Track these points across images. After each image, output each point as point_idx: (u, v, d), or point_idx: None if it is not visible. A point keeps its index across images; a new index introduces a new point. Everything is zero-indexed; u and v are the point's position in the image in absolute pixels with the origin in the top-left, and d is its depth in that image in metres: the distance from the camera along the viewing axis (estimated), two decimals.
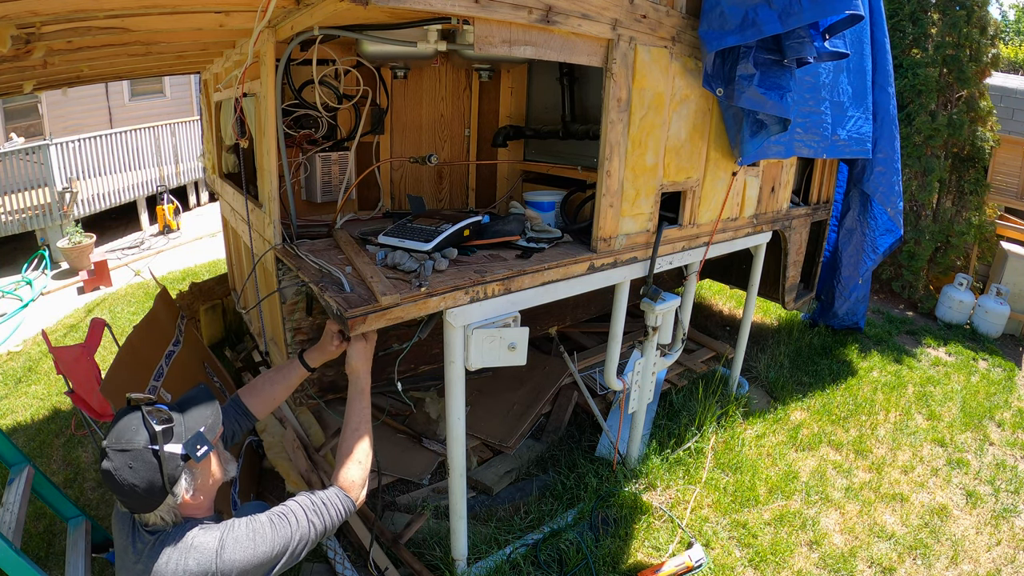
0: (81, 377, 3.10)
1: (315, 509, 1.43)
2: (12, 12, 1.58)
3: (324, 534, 1.45)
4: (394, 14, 1.95)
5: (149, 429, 1.25)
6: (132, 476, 1.21)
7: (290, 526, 1.37)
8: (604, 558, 2.55)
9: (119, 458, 1.22)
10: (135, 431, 1.25)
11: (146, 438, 1.24)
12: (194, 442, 1.29)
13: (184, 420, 1.32)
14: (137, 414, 1.28)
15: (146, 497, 1.23)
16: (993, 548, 2.83)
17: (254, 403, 1.74)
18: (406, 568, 2.45)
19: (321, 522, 1.43)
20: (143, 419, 1.26)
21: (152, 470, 1.22)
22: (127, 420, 1.27)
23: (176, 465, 1.26)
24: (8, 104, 9.28)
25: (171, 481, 1.25)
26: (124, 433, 1.25)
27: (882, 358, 4.73)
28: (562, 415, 3.50)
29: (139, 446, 1.23)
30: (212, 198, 10.26)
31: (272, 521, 1.36)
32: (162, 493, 1.24)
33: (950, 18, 5.68)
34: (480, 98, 3.48)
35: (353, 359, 1.76)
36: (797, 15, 2.17)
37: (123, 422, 1.27)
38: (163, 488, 1.24)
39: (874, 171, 4.11)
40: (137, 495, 1.22)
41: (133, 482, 1.21)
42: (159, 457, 1.23)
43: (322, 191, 2.91)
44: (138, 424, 1.26)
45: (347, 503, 1.51)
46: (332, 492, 1.50)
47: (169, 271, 7.01)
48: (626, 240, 2.52)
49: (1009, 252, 5.61)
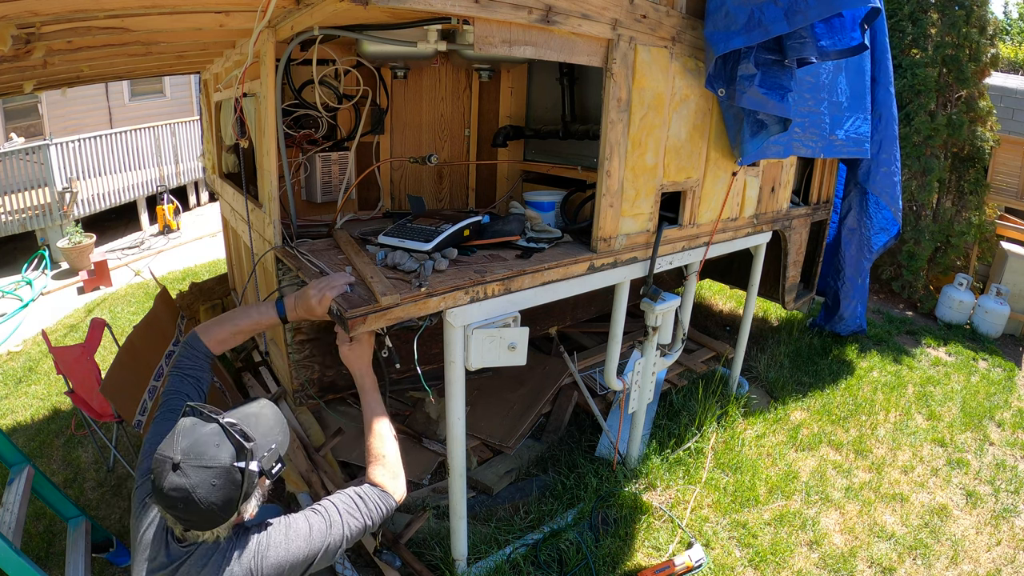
0: (81, 377, 3.11)
1: (351, 507, 1.42)
2: (12, 12, 1.58)
3: (363, 532, 1.43)
4: (394, 14, 1.96)
5: (235, 444, 1.18)
6: (212, 494, 1.14)
7: (326, 524, 1.35)
8: (604, 558, 2.55)
9: (200, 475, 1.13)
10: (218, 447, 1.17)
11: (231, 454, 1.17)
12: (271, 459, 1.25)
13: (257, 437, 1.26)
14: (215, 427, 1.20)
15: (218, 515, 1.16)
16: (993, 548, 2.83)
17: (211, 340, 1.65)
18: (406, 568, 2.45)
19: (358, 520, 1.41)
20: (226, 433, 1.19)
21: (234, 488, 1.16)
22: (204, 434, 1.18)
23: (253, 483, 1.20)
24: (8, 104, 9.28)
25: (245, 498, 1.19)
26: (205, 448, 1.16)
27: (882, 358, 4.74)
28: (562, 415, 3.50)
29: (225, 463, 1.16)
30: (212, 198, 10.25)
31: (308, 520, 1.34)
32: (233, 511, 1.18)
33: (949, 18, 5.68)
34: (480, 98, 3.48)
35: (347, 360, 1.76)
36: (803, 13, 2.14)
37: (200, 435, 1.18)
38: (236, 506, 1.18)
39: (879, 171, 4.11)
40: (211, 513, 1.15)
41: (212, 500, 1.14)
42: (244, 475, 1.17)
43: (322, 191, 2.91)
44: (220, 439, 1.18)
45: (384, 499, 1.50)
46: (367, 489, 1.48)
47: (169, 271, 7.01)
48: (626, 240, 2.52)
49: (1009, 252, 5.61)
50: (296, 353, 2.38)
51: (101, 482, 3.16)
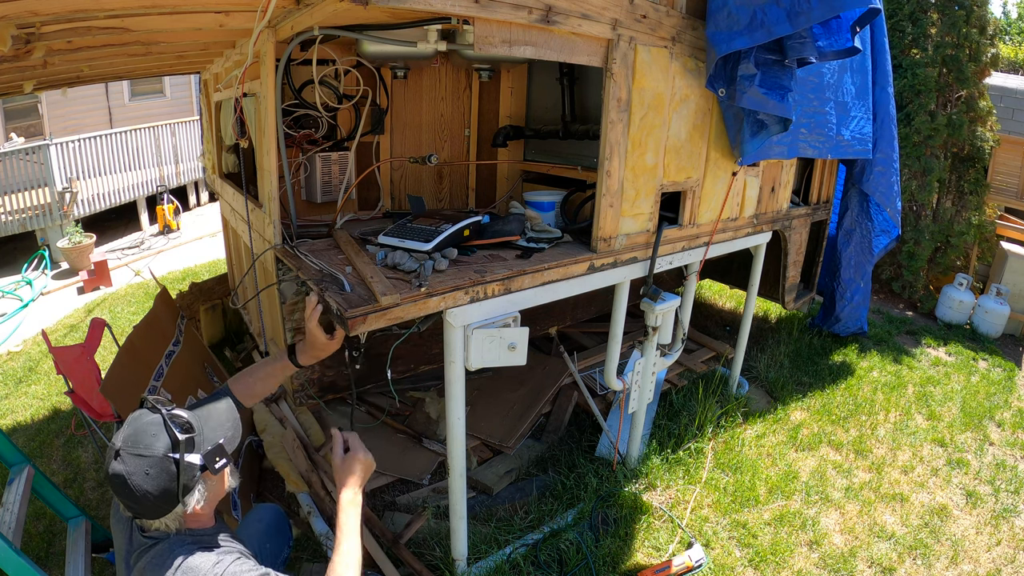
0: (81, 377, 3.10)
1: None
2: (12, 12, 1.58)
3: None
4: (394, 14, 1.96)
5: (171, 436, 1.20)
6: (147, 483, 1.16)
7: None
8: (604, 558, 2.55)
9: (135, 463, 1.17)
10: (155, 436, 1.20)
11: (167, 445, 1.19)
12: (214, 454, 1.25)
13: (204, 429, 1.28)
14: (157, 418, 1.23)
15: (156, 505, 1.18)
16: (993, 548, 2.83)
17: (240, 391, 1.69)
18: (406, 568, 2.45)
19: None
20: (164, 424, 1.22)
21: (169, 479, 1.18)
22: (145, 423, 1.22)
23: (193, 476, 1.21)
24: (8, 104, 9.29)
25: (185, 491, 1.20)
26: (142, 437, 1.19)
27: (882, 358, 4.74)
28: (562, 415, 3.50)
29: (159, 453, 1.18)
30: (212, 198, 10.26)
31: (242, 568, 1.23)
32: (173, 502, 1.20)
33: (949, 18, 5.68)
34: (480, 98, 3.48)
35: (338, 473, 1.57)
36: (806, 14, 2.13)
37: (141, 425, 1.22)
38: (176, 497, 1.19)
39: (874, 171, 4.11)
40: (148, 502, 1.17)
41: (147, 489, 1.16)
42: (179, 466, 1.19)
43: (322, 191, 2.91)
44: (158, 429, 1.21)
45: None
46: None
47: (169, 271, 7.01)
48: (626, 240, 2.52)
49: (1009, 252, 5.61)
50: None
51: (101, 482, 3.16)
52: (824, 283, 4.87)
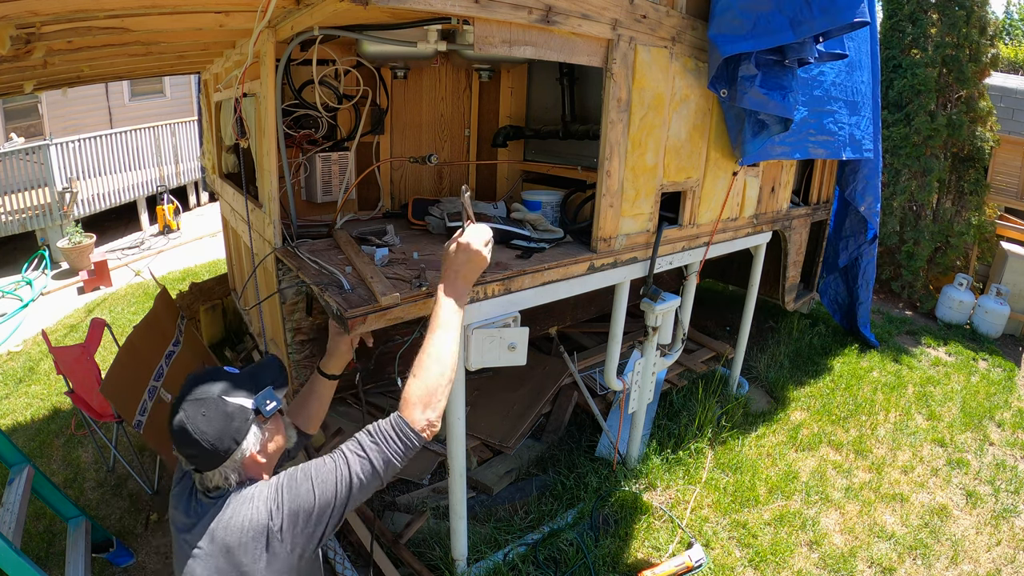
0: (81, 377, 3.10)
1: (357, 449, 1.30)
2: (12, 12, 1.58)
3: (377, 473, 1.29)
4: (394, 14, 1.96)
5: (223, 382, 1.28)
6: (205, 424, 1.21)
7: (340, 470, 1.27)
8: (604, 558, 2.55)
9: (192, 407, 1.23)
10: (210, 384, 1.27)
11: (221, 388, 1.26)
12: (264, 397, 1.30)
13: (254, 380, 1.34)
14: (211, 371, 1.31)
15: (215, 449, 1.22)
16: (993, 548, 2.83)
17: (298, 422, 1.70)
18: (406, 568, 2.45)
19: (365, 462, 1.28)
20: (217, 373, 1.30)
21: (225, 419, 1.23)
22: (201, 376, 1.30)
23: (247, 418, 1.27)
24: (8, 104, 9.28)
25: (241, 433, 1.25)
26: (199, 385, 1.27)
27: (882, 358, 4.73)
28: (562, 415, 3.50)
29: (213, 395, 1.25)
30: (212, 198, 10.25)
31: (327, 465, 1.28)
32: (231, 445, 1.24)
33: (949, 18, 5.68)
34: (480, 98, 3.48)
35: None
36: (808, 23, 2.17)
37: (196, 379, 1.29)
38: (232, 439, 1.24)
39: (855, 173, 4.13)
40: (207, 446, 1.22)
41: (205, 430, 1.21)
42: (231, 406, 1.25)
43: (322, 191, 2.91)
44: (215, 377, 1.29)
45: (401, 432, 1.31)
46: (384, 422, 1.33)
47: (169, 271, 7.01)
48: (626, 240, 2.52)
49: (1009, 252, 5.61)
50: (296, 353, 2.38)
51: (101, 482, 3.16)
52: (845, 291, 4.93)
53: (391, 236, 2.47)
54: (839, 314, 5.03)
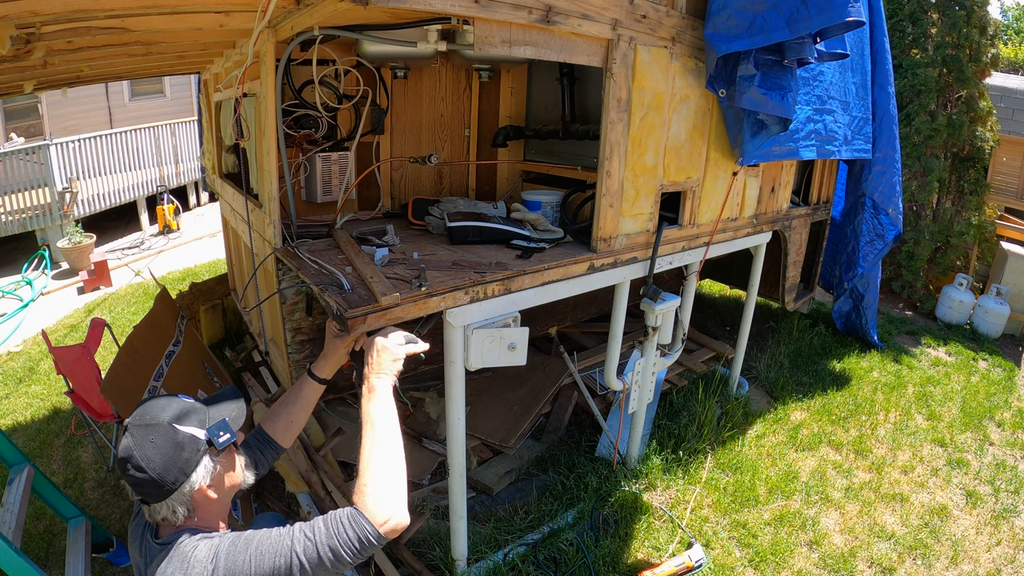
0: (81, 377, 3.10)
1: (307, 533, 1.19)
2: (12, 12, 1.58)
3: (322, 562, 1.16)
4: (394, 14, 1.96)
5: (175, 408, 1.25)
6: (153, 451, 1.18)
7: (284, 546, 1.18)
8: (604, 558, 2.55)
9: (140, 433, 1.20)
10: (161, 409, 1.24)
11: (172, 415, 1.23)
12: (218, 428, 1.27)
13: (209, 410, 1.32)
14: (165, 397, 1.29)
15: (163, 478, 1.18)
16: (993, 548, 2.83)
17: (275, 430, 1.69)
18: (406, 568, 2.45)
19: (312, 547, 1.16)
20: (170, 400, 1.27)
21: (174, 448, 1.20)
22: (153, 402, 1.27)
23: (198, 449, 1.23)
24: (8, 104, 9.28)
25: (190, 464, 1.21)
26: (149, 411, 1.24)
27: (882, 358, 4.73)
28: (562, 415, 3.50)
29: (164, 422, 1.21)
30: (212, 198, 10.25)
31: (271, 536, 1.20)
32: (181, 476, 1.19)
33: (950, 18, 5.68)
34: (480, 98, 3.48)
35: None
36: (805, 22, 2.16)
37: (148, 404, 1.27)
38: (181, 470, 1.19)
39: (872, 171, 4.11)
40: (154, 475, 1.17)
41: (152, 458, 1.17)
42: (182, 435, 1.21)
43: (322, 191, 2.91)
44: (165, 404, 1.26)
45: (356, 523, 1.19)
46: (339, 512, 1.23)
47: (169, 271, 7.01)
48: (626, 240, 2.52)
49: (1009, 252, 5.61)
50: (296, 353, 2.38)
51: (101, 482, 3.16)
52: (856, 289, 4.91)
53: (391, 236, 2.47)
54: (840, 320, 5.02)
